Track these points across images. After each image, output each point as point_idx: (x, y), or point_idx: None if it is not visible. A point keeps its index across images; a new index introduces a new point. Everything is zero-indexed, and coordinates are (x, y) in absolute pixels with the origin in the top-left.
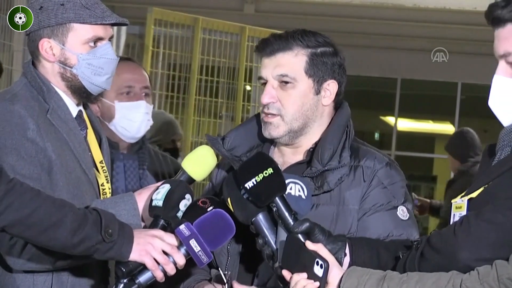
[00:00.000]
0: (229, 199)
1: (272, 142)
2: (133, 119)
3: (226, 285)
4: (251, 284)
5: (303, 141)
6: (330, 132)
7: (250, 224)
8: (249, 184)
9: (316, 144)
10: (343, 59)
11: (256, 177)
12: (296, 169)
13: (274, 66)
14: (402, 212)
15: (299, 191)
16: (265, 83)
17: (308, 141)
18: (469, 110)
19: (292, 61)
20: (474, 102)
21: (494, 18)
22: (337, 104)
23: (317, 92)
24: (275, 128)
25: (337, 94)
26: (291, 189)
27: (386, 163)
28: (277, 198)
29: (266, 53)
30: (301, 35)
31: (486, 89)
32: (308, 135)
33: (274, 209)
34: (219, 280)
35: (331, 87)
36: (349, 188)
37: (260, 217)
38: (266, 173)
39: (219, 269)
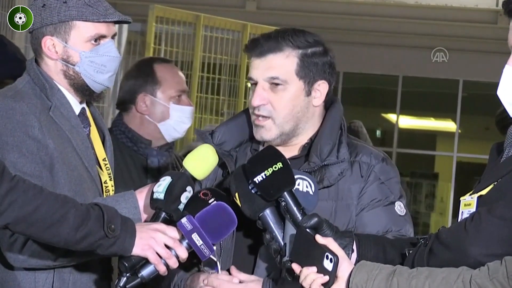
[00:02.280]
0: (236, 194)
1: None
2: (186, 122)
3: (219, 272)
4: None
5: (295, 141)
6: (328, 127)
7: (258, 219)
8: (258, 178)
9: (311, 139)
10: (333, 57)
11: (266, 171)
12: (291, 165)
13: (264, 68)
14: (400, 208)
15: (306, 187)
16: (255, 84)
17: (300, 140)
18: (470, 107)
19: (283, 63)
20: (476, 100)
21: (510, 10)
22: (328, 102)
23: (308, 93)
24: (267, 132)
25: (327, 94)
26: (298, 184)
27: (382, 159)
28: (285, 192)
29: (256, 53)
30: (291, 35)
31: (488, 86)
32: (300, 135)
33: (283, 203)
34: (209, 265)
35: (321, 88)
36: (346, 183)
37: (268, 212)
38: (275, 167)
39: (212, 256)
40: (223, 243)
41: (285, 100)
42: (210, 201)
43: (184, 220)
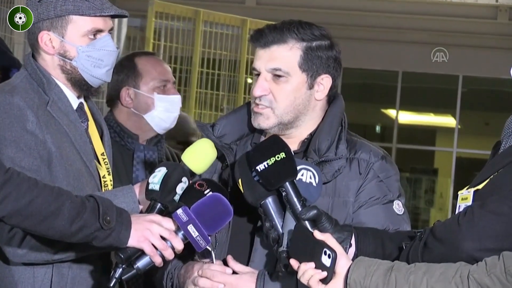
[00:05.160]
0: (240, 180)
1: (263, 131)
2: (173, 112)
3: (214, 262)
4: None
5: (294, 133)
6: (327, 123)
7: (259, 206)
8: (260, 167)
9: (311, 135)
10: (339, 52)
11: (268, 161)
12: None
13: (267, 59)
14: (398, 207)
15: (310, 178)
16: (258, 74)
17: (300, 133)
18: (470, 103)
19: (286, 55)
20: (475, 95)
21: None
22: (331, 97)
23: (311, 86)
24: (265, 120)
25: (331, 88)
26: (302, 175)
27: (381, 156)
28: (287, 183)
29: (260, 44)
30: (296, 27)
31: (488, 82)
32: (300, 127)
33: (284, 193)
34: (203, 255)
35: (324, 82)
36: (344, 180)
37: (270, 201)
38: (278, 157)
39: (207, 246)
40: (218, 235)
41: (287, 92)
42: (205, 192)
43: (179, 211)
